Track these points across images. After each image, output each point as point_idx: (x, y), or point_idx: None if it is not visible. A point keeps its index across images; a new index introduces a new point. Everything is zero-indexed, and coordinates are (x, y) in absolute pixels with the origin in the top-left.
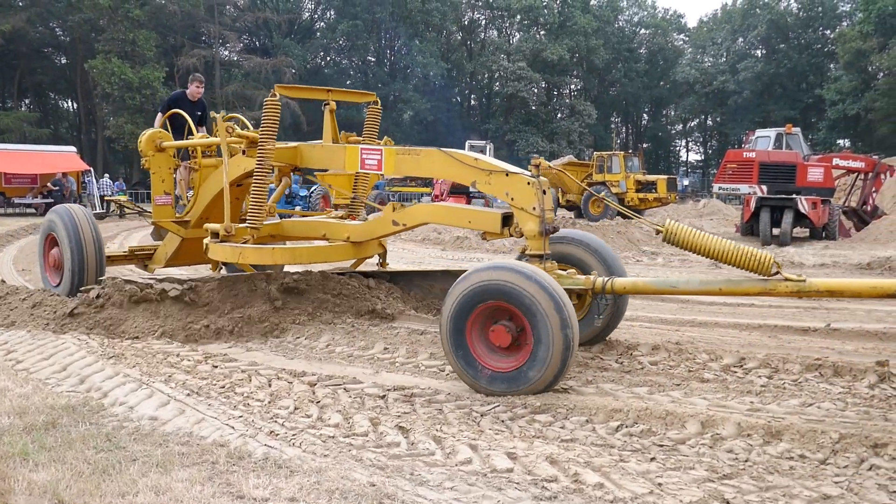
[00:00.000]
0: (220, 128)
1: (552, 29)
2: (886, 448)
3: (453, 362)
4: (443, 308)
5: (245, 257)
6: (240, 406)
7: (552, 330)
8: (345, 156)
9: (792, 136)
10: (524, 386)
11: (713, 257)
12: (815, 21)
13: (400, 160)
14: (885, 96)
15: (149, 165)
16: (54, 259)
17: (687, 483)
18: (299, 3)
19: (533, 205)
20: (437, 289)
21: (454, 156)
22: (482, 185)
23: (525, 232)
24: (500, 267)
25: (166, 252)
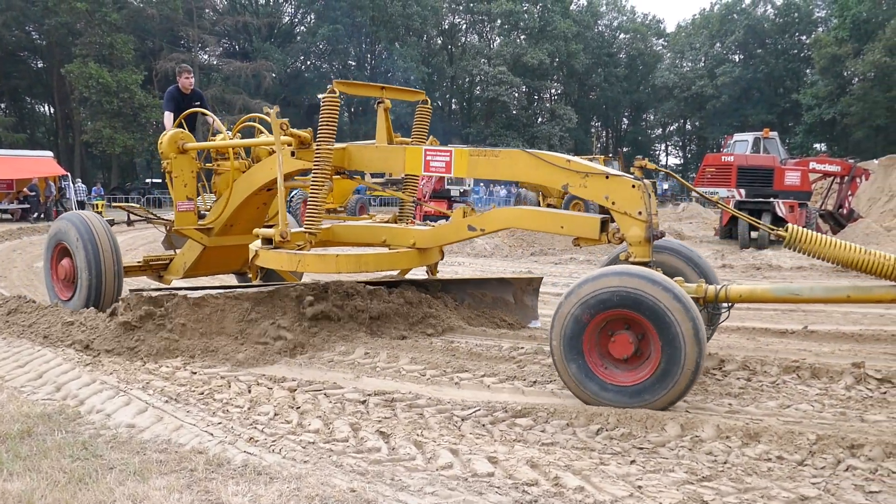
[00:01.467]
0: (273, 125)
1: (532, 33)
2: (863, 449)
3: (567, 375)
4: (555, 317)
5: (305, 265)
6: (219, 412)
7: (685, 341)
8: (405, 157)
9: (769, 140)
10: (650, 400)
11: (841, 262)
12: (791, 27)
13: (474, 162)
14: (860, 101)
15: (170, 168)
16: (65, 271)
17: (666, 485)
18: (279, 7)
19: (639, 209)
20: (489, 297)
21: (542, 157)
22: (576, 188)
23: (629, 238)
24: (627, 273)
25: (185, 262)
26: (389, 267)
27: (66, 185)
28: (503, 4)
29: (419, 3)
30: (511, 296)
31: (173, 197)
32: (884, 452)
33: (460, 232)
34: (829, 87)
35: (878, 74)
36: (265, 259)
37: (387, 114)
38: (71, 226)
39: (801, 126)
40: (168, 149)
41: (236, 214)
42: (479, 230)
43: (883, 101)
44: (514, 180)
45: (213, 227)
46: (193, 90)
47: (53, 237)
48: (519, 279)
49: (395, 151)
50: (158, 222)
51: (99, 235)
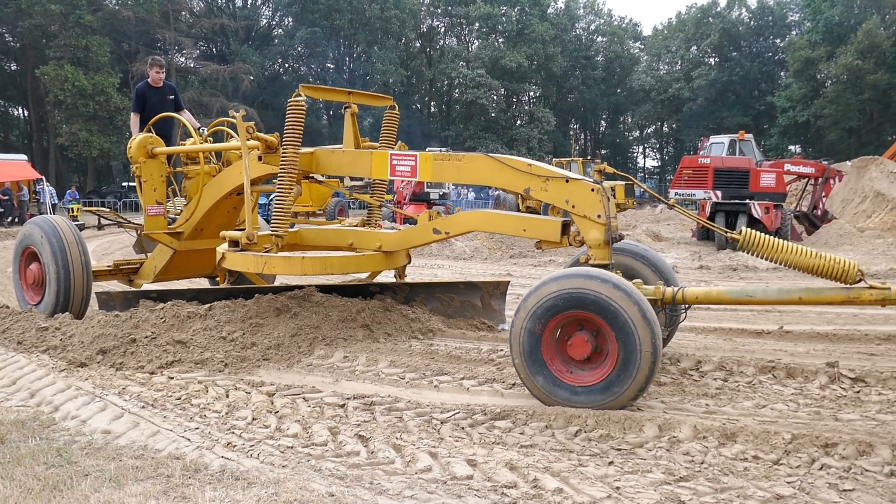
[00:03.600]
0: (240, 129)
1: (510, 36)
2: (836, 448)
3: (535, 389)
4: (514, 320)
5: (271, 267)
6: (196, 418)
7: (640, 341)
8: (371, 162)
9: (745, 142)
10: (609, 399)
11: (794, 266)
12: (765, 30)
13: (438, 166)
14: (833, 103)
15: (139, 173)
16: (34, 276)
17: (644, 486)
18: (256, 10)
19: (598, 212)
20: (457, 301)
21: (504, 161)
22: (537, 191)
23: (588, 241)
24: (582, 275)
25: (155, 266)
26: (356, 270)
27: (40, 190)
28: (481, 7)
29: (397, 6)
30: (479, 299)
31: (142, 201)
32: (857, 451)
33: (425, 235)
34: (802, 90)
35: (850, 77)
36: (231, 261)
37: (354, 118)
38: (38, 229)
39: (776, 128)
40: (137, 153)
41: (206, 218)
42: (444, 233)
43: (855, 103)
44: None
45: (183, 231)
46: (165, 84)
47: (21, 241)
48: (486, 283)
49: (362, 156)
50: (129, 226)
51: (67, 239)
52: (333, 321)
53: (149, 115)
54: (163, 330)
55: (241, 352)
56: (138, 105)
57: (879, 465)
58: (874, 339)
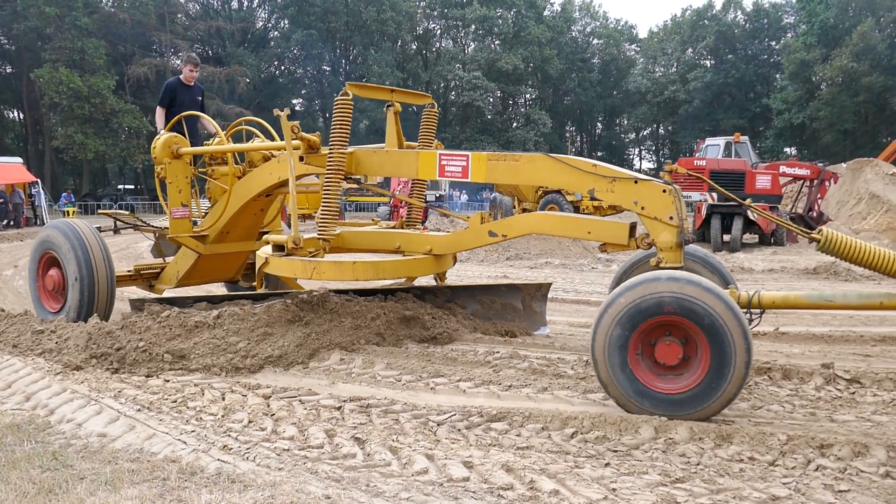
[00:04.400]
0: (284, 128)
1: (506, 39)
2: (832, 448)
3: (614, 388)
4: (598, 324)
5: (320, 272)
6: (192, 420)
7: (735, 350)
8: (417, 162)
9: (740, 144)
10: (697, 409)
11: (874, 268)
12: (760, 32)
13: (492, 167)
14: (828, 105)
15: (164, 174)
16: (53, 282)
17: (640, 488)
18: (252, 13)
19: (670, 214)
20: (498, 304)
21: (567, 161)
22: (603, 192)
23: (660, 243)
24: (674, 279)
25: (178, 271)
26: (406, 274)
27: (36, 193)
28: (477, 10)
29: (393, 9)
30: (520, 302)
31: (168, 203)
32: (853, 452)
33: (480, 238)
34: (798, 92)
35: (845, 79)
36: (277, 266)
37: (396, 117)
38: (59, 234)
39: (772, 130)
40: (162, 153)
41: (233, 221)
42: (501, 236)
43: (850, 105)
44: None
45: (209, 235)
46: (195, 83)
47: (40, 246)
48: (528, 285)
49: (407, 156)
50: (147, 230)
51: (90, 243)
52: (345, 328)
53: (176, 113)
54: (163, 339)
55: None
56: (166, 100)
57: (875, 465)
58: (869, 341)
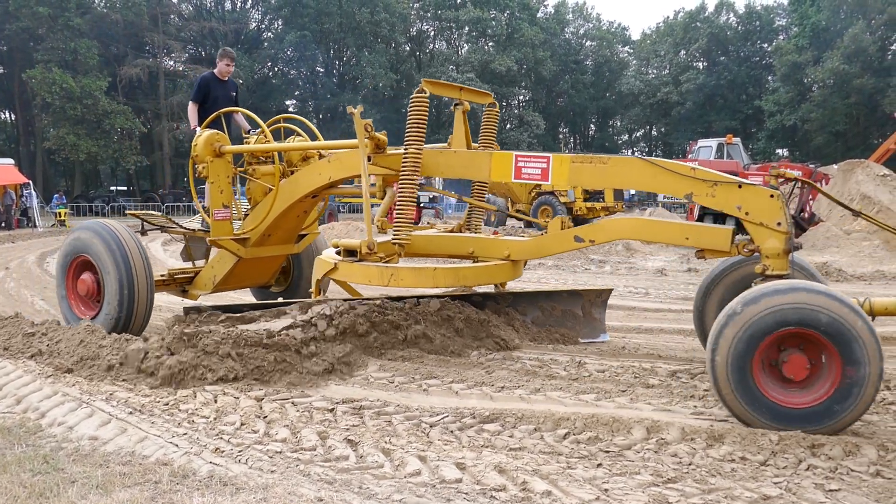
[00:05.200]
0: (357, 127)
1: (500, 41)
2: (823, 448)
3: (734, 401)
4: (719, 340)
5: (399, 279)
6: (184, 423)
7: (869, 362)
8: (490, 163)
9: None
10: (826, 423)
11: None
12: (753, 35)
13: (577, 169)
14: (819, 107)
15: (206, 173)
16: (87, 287)
17: (632, 488)
18: (246, 14)
19: (778, 220)
20: (559, 310)
21: (662, 164)
22: (702, 197)
23: (766, 250)
24: (804, 289)
25: (214, 275)
26: (487, 280)
27: (27, 194)
28: (471, 12)
29: (387, 10)
30: (580, 308)
31: (210, 204)
32: (843, 451)
33: (565, 243)
34: (790, 94)
35: (836, 81)
36: (348, 273)
37: (465, 116)
38: (95, 236)
39: (764, 132)
40: (204, 151)
41: (275, 223)
42: (588, 241)
43: (842, 107)
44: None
45: (250, 238)
46: (229, 79)
47: (71, 249)
48: (589, 291)
49: (479, 157)
50: (176, 231)
51: (129, 246)
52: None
53: (210, 108)
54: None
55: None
56: (200, 95)
57: (865, 465)
58: None
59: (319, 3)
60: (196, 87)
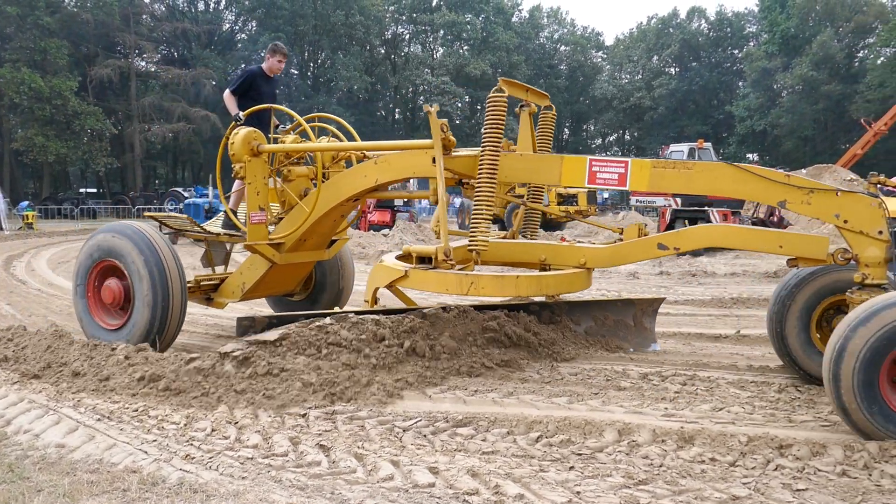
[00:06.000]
0: (433, 126)
1: (475, 44)
2: (790, 448)
3: (857, 409)
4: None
5: (479, 287)
6: (154, 430)
7: None
8: (561, 167)
9: (704, 150)
10: None
11: None
12: (724, 41)
13: (658, 175)
14: (789, 113)
15: (243, 174)
16: (112, 294)
17: (604, 490)
18: (219, 15)
19: (879, 228)
20: (611, 320)
21: (753, 171)
22: (797, 204)
23: (865, 258)
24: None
25: (243, 282)
26: (567, 289)
27: None
28: (446, 15)
29: (362, 13)
30: (631, 318)
31: (248, 206)
32: (811, 452)
33: (647, 251)
34: (760, 100)
35: (805, 87)
36: (421, 281)
37: (531, 118)
38: (124, 239)
39: (735, 137)
40: (242, 150)
41: (312, 227)
42: (672, 249)
43: (810, 112)
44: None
45: (284, 243)
46: (274, 77)
47: (93, 252)
48: (641, 300)
49: (549, 160)
50: (196, 235)
51: (162, 250)
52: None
53: (251, 104)
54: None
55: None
56: (242, 87)
57: (832, 464)
58: None
59: (294, 5)
60: (240, 79)
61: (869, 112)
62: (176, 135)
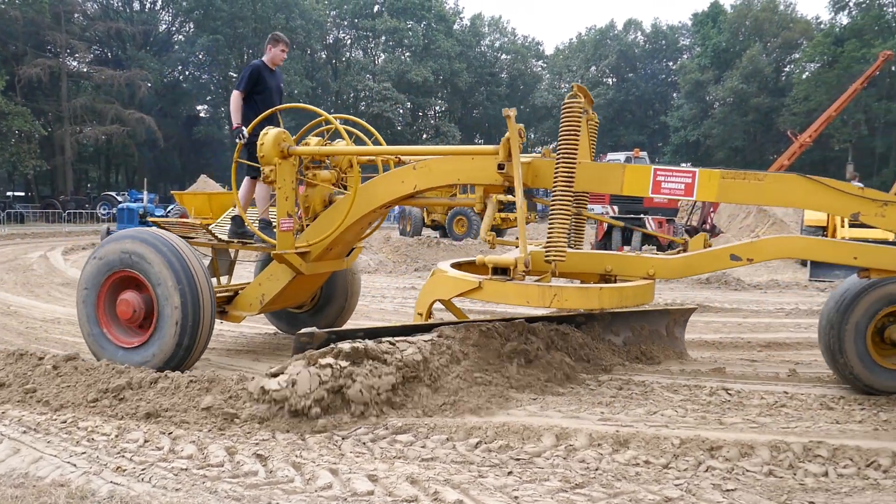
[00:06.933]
0: (511, 130)
1: (417, 51)
2: (721, 450)
3: None
4: None
5: (561, 300)
6: (83, 442)
7: None
8: (623, 176)
9: (639, 159)
10: None
11: None
12: (659, 53)
13: (727, 186)
14: (720, 124)
15: (273, 177)
16: (132, 309)
17: (542, 494)
18: (155, 15)
19: None
20: (647, 330)
21: (827, 183)
22: (870, 216)
23: None
24: None
25: (263, 294)
26: (642, 300)
27: None
28: (388, 21)
29: (303, 17)
30: (664, 327)
31: (278, 212)
32: (740, 453)
33: (718, 262)
34: (693, 111)
35: (735, 100)
36: (498, 293)
37: (587, 124)
38: (149, 248)
39: (669, 146)
40: (272, 152)
41: (341, 235)
42: (746, 260)
43: (740, 124)
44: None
45: (311, 251)
46: (277, 69)
47: (106, 264)
48: (675, 310)
49: (610, 169)
50: (201, 244)
51: (190, 260)
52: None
53: (260, 100)
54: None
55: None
56: (249, 85)
57: (759, 465)
58: (756, 346)
59: (233, 7)
60: (245, 77)
61: (795, 124)
62: (109, 137)
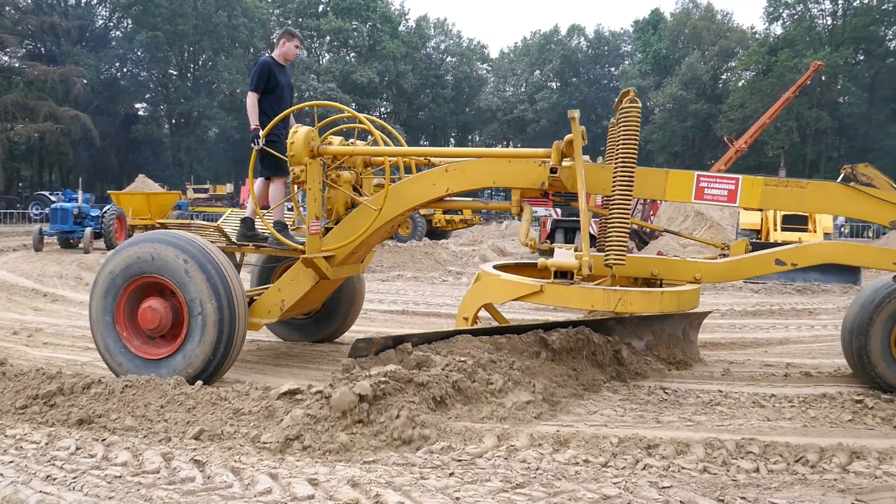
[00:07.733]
0: (575, 133)
1: (362, 52)
2: (658, 448)
3: None
4: None
5: (626, 304)
6: (10, 450)
7: None
8: (665, 182)
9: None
10: None
11: None
12: (601, 59)
13: (770, 192)
14: (661, 129)
15: (304, 178)
16: (159, 318)
17: (483, 495)
18: (91, 10)
19: None
20: (665, 333)
21: (866, 191)
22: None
23: None
24: None
25: (282, 300)
26: (695, 305)
27: None
28: (332, 21)
29: (245, 14)
30: (680, 331)
31: (307, 215)
32: (675, 451)
33: (763, 266)
34: None
35: (675, 106)
36: (561, 297)
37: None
38: (175, 251)
39: None
40: (302, 151)
41: (367, 239)
42: (790, 265)
43: (680, 129)
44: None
45: (336, 255)
46: (286, 65)
47: (130, 267)
48: (693, 313)
49: (654, 175)
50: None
51: (224, 266)
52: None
53: (273, 97)
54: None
55: None
56: (262, 83)
57: (694, 462)
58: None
59: (173, 4)
60: (257, 75)
61: (731, 130)
62: (42, 135)
